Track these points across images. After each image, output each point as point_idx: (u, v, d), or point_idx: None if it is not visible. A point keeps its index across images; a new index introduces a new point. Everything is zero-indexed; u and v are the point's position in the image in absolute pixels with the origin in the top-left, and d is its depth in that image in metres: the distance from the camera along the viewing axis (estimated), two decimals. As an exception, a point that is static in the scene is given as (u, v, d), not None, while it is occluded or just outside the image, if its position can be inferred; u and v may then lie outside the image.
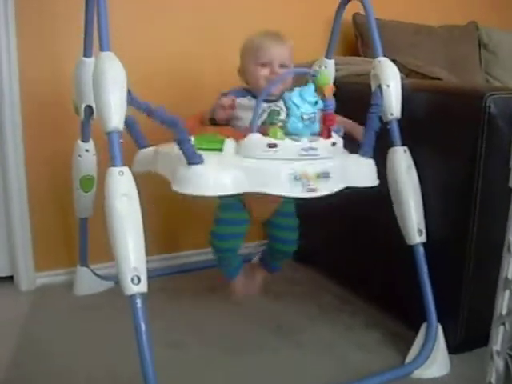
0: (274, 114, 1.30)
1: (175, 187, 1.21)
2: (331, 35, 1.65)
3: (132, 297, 1.07)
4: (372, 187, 1.36)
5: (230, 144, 1.25)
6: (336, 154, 1.29)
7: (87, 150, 1.62)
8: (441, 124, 1.41)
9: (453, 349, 1.43)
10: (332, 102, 1.26)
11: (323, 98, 1.24)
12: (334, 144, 1.28)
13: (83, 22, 1.45)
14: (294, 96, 1.22)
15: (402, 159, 1.40)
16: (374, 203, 1.42)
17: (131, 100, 1.15)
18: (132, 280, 1.07)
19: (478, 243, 1.36)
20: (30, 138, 1.77)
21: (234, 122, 1.41)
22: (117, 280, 1.10)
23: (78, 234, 1.78)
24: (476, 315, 1.35)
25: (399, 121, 1.42)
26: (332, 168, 1.26)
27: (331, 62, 1.67)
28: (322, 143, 1.25)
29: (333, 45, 1.66)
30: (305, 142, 1.22)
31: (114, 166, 1.10)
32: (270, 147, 1.20)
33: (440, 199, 1.43)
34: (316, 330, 1.61)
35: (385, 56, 1.47)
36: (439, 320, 1.40)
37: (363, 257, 1.70)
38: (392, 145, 1.41)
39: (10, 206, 1.80)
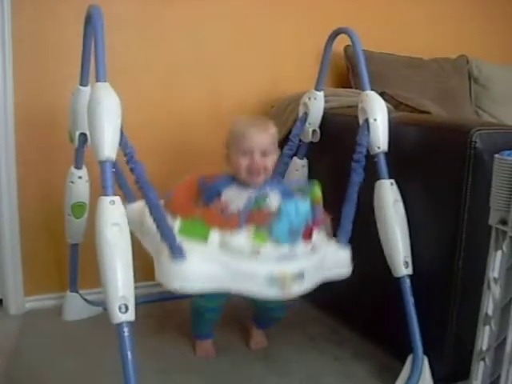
0: (261, 199, 1.33)
1: (158, 278, 1.27)
2: (321, 67, 1.69)
3: (119, 325, 1.08)
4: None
5: (214, 238, 1.28)
6: (314, 253, 1.33)
7: (80, 177, 1.64)
8: (428, 158, 1.44)
9: (438, 381, 1.43)
10: (320, 210, 1.33)
11: (313, 206, 1.30)
12: (313, 247, 1.33)
13: (81, 50, 1.47)
14: (290, 206, 1.25)
15: (388, 192, 1.42)
16: (363, 234, 1.44)
17: (121, 140, 1.18)
18: (119, 308, 1.07)
19: (464, 276, 1.37)
20: (23, 163, 1.78)
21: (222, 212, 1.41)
22: (106, 306, 1.11)
23: (68, 260, 1.79)
24: (462, 347, 1.35)
25: (387, 154, 1.44)
26: (307, 268, 1.31)
27: (320, 94, 1.70)
28: (302, 248, 1.30)
29: (322, 77, 1.70)
30: (286, 248, 1.27)
31: (105, 195, 1.11)
32: (253, 252, 1.25)
33: (426, 232, 1.44)
34: (304, 359, 1.61)
35: (373, 89, 1.50)
36: (425, 352, 1.41)
37: (352, 287, 1.70)
38: (379, 178, 1.43)
39: (0, 230, 1.80)
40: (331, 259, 1.41)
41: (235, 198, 1.37)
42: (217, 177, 1.47)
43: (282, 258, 1.27)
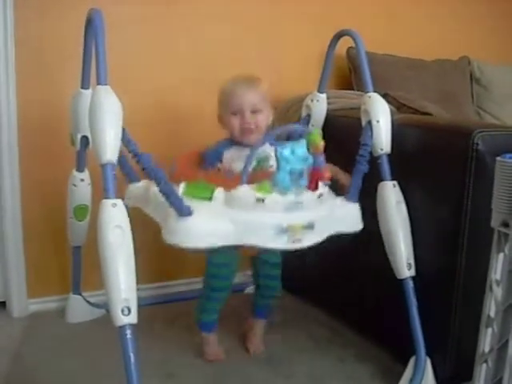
0: (263, 160, 1.33)
1: (165, 237, 1.25)
2: (323, 69, 1.69)
3: (122, 328, 1.08)
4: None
5: (219, 194, 1.27)
6: (321, 202, 1.32)
7: (82, 180, 1.64)
8: (430, 159, 1.44)
9: (441, 382, 1.43)
10: (322, 158, 1.30)
11: (314, 153, 1.28)
12: (320, 196, 1.31)
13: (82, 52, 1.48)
14: (286, 151, 1.24)
15: (391, 194, 1.42)
16: (366, 236, 1.44)
17: (124, 138, 1.18)
18: (122, 311, 1.07)
19: (466, 277, 1.37)
20: (26, 166, 1.79)
21: (225, 173, 1.43)
22: (108, 308, 1.11)
23: (71, 262, 1.79)
24: (465, 349, 1.35)
25: (389, 155, 1.44)
26: (317, 219, 1.29)
27: (323, 96, 1.70)
28: (308, 196, 1.28)
29: (325, 79, 1.70)
30: (291, 195, 1.26)
31: (107, 198, 1.11)
32: (257, 201, 1.24)
33: (429, 234, 1.44)
34: (307, 361, 1.61)
35: (376, 90, 1.50)
36: (428, 353, 1.41)
37: (355, 289, 1.70)
38: (382, 179, 1.44)
39: (4, 233, 1.81)
40: (341, 213, 1.39)
41: (236, 159, 1.38)
42: (216, 143, 1.47)
43: (289, 208, 1.25)
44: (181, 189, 1.28)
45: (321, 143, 1.30)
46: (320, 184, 1.31)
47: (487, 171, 1.27)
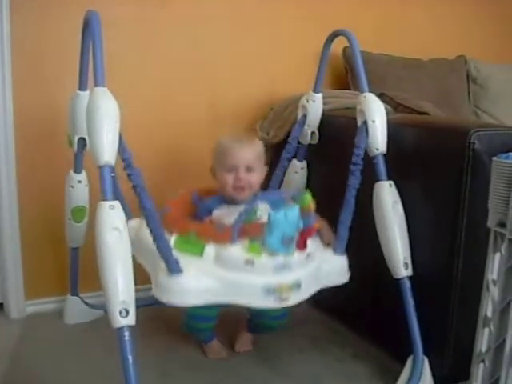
0: (250, 213, 1.34)
1: (155, 294, 1.28)
2: (319, 69, 1.70)
3: (120, 329, 1.08)
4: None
5: (210, 251, 1.28)
6: (310, 261, 1.34)
7: (79, 181, 1.63)
8: (427, 159, 1.44)
9: (439, 381, 1.44)
10: (312, 218, 1.32)
11: (305, 214, 1.30)
12: (308, 255, 1.33)
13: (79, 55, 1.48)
14: (278, 215, 1.25)
15: (387, 194, 1.42)
16: (363, 236, 1.44)
17: (119, 145, 1.17)
18: (120, 313, 1.08)
19: (464, 277, 1.38)
20: (23, 168, 1.79)
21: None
22: (106, 310, 1.11)
23: (68, 263, 1.79)
24: (462, 348, 1.35)
25: (385, 155, 1.44)
26: (304, 277, 1.31)
27: (319, 96, 1.71)
28: (297, 257, 1.30)
29: (320, 79, 1.70)
30: (280, 257, 1.27)
31: (104, 200, 1.12)
32: (247, 263, 1.25)
33: (426, 233, 1.45)
34: (305, 360, 1.62)
35: (372, 90, 1.51)
36: (425, 353, 1.42)
37: (352, 289, 1.70)
38: (378, 179, 1.44)
39: (1, 234, 1.81)
40: (328, 267, 1.42)
41: (226, 215, 1.40)
42: (209, 197, 1.49)
43: (277, 269, 1.27)
44: (172, 242, 1.30)
45: (312, 204, 1.33)
46: (308, 241, 1.33)
47: (484, 171, 1.27)
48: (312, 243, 1.36)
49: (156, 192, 1.30)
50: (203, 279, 1.26)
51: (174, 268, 1.24)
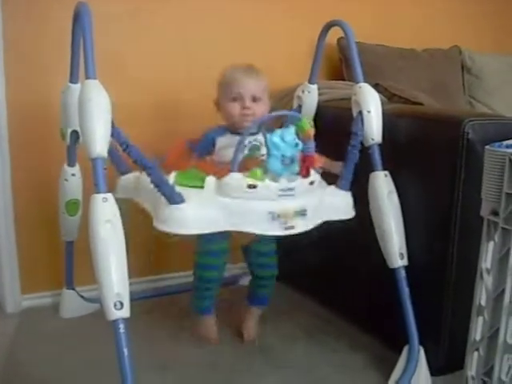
0: (254, 149, 1.33)
1: (157, 225, 1.25)
2: (314, 60, 1.69)
3: (114, 322, 1.08)
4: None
5: (210, 182, 1.27)
6: (313, 189, 1.32)
7: (73, 175, 1.63)
8: (421, 149, 1.44)
9: (435, 371, 1.45)
10: (312, 145, 1.30)
11: (304, 140, 1.28)
12: (311, 183, 1.31)
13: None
14: (275, 137, 1.24)
15: (383, 184, 1.42)
16: (358, 226, 1.44)
17: (113, 132, 1.17)
18: (115, 305, 1.08)
19: (459, 266, 1.38)
20: (17, 161, 1.78)
21: (217, 161, 1.44)
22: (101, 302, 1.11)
23: (63, 257, 1.79)
24: (457, 337, 1.36)
25: (380, 145, 1.44)
26: (309, 205, 1.29)
27: (314, 87, 1.70)
28: (300, 182, 1.28)
29: (316, 70, 1.70)
30: (283, 182, 1.26)
31: (97, 192, 1.11)
32: (249, 188, 1.23)
33: (421, 223, 1.45)
34: (301, 352, 1.62)
35: (367, 80, 1.50)
36: (421, 342, 1.42)
37: (348, 279, 1.71)
38: (373, 169, 1.44)
39: (-4, 229, 1.81)
40: (333, 201, 1.40)
41: (228, 146, 1.38)
42: (211, 129, 1.48)
43: (281, 194, 1.25)
44: (172, 178, 1.28)
45: (310, 129, 1.30)
46: (311, 171, 1.31)
47: (478, 160, 1.27)
48: (315, 174, 1.34)
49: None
50: (205, 208, 1.24)
51: (175, 199, 1.21)
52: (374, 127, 1.43)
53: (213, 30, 2.00)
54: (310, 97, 1.71)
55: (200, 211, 1.24)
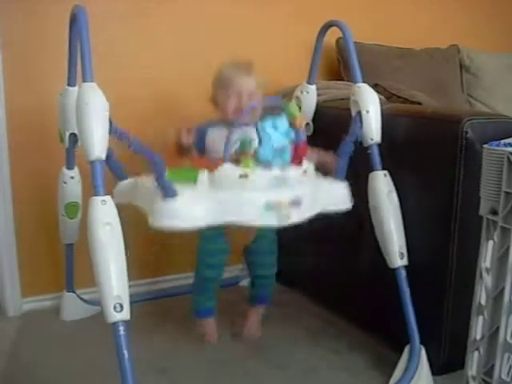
0: (246, 143, 1.32)
1: (152, 221, 1.23)
2: (312, 61, 1.69)
3: (114, 324, 1.08)
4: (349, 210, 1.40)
5: (203, 176, 1.26)
6: (307, 180, 1.32)
7: (72, 177, 1.64)
8: (420, 148, 1.44)
9: (436, 370, 1.44)
10: (303, 133, 1.29)
11: (295, 128, 1.27)
12: (304, 172, 1.31)
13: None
14: (267, 125, 1.24)
15: (382, 184, 1.42)
16: (358, 226, 1.44)
17: (112, 130, 1.17)
18: (114, 308, 1.08)
19: (459, 265, 1.38)
20: (16, 165, 1.78)
21: (210, 155, 1.45)
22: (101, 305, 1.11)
23: (64, 260, 1.79)
24: (458, 337, 1.36)
25: (379, 145, 1.44)
26: (304, 195, 1.28)
27: (313, 88, 1.70)
28: (293, 171, 1.28)
29: (314, 70, 1.70)
30: (276, 170, 1.25)
31: (96, 195, 1.12)
32: (241, 177, 1.23)
33: (421, 223, 1.45)
34: (301, 352, 1.62)
35: (365, 80, 1.50)
36: (422, 342, 1.42)
37: (348, 279, 1.71)
38: (372, 169, 1.44)
39: (-4, 233, 1.80)
40: (329, 191, 1.39)
41: (220, 138, 1.37)
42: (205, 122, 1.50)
43: (274, 184, 1.24)
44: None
45: (300, 116, 1.30)
46: (304, 160, 1.31)
47: (477, 159, 1.27)
48: (308, 163, 1.33)
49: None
50: (199, 201, 1.22)
51: (169, 192, 1.20)
52: (372, 127, 1.43)
53: (211, 30, 2.00)
54: (309, 97, 1.71)
55: (194, 205, 1.22)
